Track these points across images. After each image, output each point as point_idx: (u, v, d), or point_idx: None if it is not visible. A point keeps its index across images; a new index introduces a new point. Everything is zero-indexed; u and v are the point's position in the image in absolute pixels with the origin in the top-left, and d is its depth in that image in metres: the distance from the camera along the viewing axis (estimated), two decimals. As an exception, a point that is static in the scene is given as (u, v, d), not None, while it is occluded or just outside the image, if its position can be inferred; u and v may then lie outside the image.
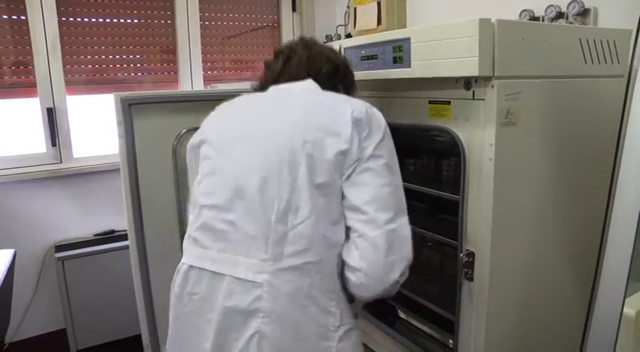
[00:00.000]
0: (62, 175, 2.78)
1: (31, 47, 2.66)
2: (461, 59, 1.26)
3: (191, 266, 1.16)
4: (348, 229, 1.10)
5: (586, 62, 1.44)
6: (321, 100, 1.20)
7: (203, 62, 3.18)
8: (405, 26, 2.87)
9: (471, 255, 1.39)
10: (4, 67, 2.64)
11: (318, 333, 1.06)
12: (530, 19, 2.08)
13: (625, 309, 0.98)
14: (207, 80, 3.20)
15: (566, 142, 1.37)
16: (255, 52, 3.45)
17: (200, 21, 3.13)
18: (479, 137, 1.32)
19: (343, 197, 1.09)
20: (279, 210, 1.06)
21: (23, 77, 2.70)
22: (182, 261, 1.19)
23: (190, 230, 1.20)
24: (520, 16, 2.11)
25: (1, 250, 1.81)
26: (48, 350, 2.84)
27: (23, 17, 2.63)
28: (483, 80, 1.27)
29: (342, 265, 1.09)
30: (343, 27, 3.34)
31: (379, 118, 1.16)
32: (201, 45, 3.16)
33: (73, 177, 2.83)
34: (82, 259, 2.72)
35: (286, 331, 1.05)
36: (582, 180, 1.49)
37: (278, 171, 1.08)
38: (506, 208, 1.35)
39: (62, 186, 2.81)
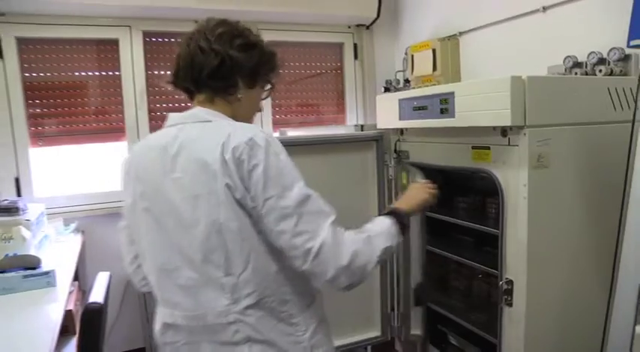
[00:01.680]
0: (144, 210, 3.09)
1: (122, 98, 3.04)
2: (496, 111, 1.46)
3: None
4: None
5: (615, 109, 1.59)
6: None
7: (272, 107, 3.47)
8: (458, 72, 3.08)
9: (510, 283, 1.56)
10: (100, 115, 3.03)
11: (292, 341, 1.23)
12: (573, 64, 2.22)
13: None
14: (275, 124, 3.47)
15: (596, 182, 1.51)
16: (319, 97, 3.70)
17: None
18: (514, 178, 1.50)
19: None
20: None
21: (115, 124, 3.07)
22: None
23: None
24: (564, 61, 2.25)
25: (101, 272, 2.09)
26: None
27: (117, 73, 3.02)
28: (517, 128, 1.46)
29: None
30: (402, 72, 3.53)
31: None
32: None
33: None
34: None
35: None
36: (613, 217, 1.62)
37: None
38: (540, 241, 1.51)
39: (144, 219, 3.11)
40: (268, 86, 1.38)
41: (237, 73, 1.27)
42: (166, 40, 3.16)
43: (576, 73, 2.18)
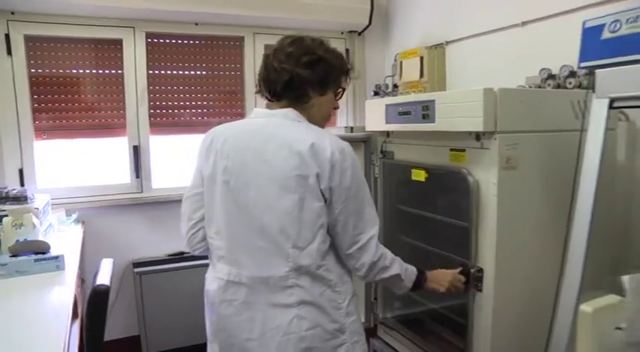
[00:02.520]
0: (142, 203, 3.25)
1: (124, 95, 3.19)
2: (471, 118, 1.64)
3: None
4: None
5: (577, 118, 1.78)
6: None
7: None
8: (444, 79, 3.26)
9: (480, 271, 1.74)
10: (102, 112, 3.17)
11: (334, 307, 1.47)
12: (548, 76, 2.41)
13: (583, 307, 1.30)
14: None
15: (559, 182, 1.68)
16: (310, 98, 3.84)
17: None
18: (486, 177, 1.69)
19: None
20: None
21: (116, 120, 3.22)
22: None
23: None
24: (540, 73, 2.44)
25: (104, 259, 2.23)
26: None
27: (120, 71, 3.17)
28: (488, 134, 1.65)
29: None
30: (391, 78, 3.68)
31: None
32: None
33: (151, 204, 3.28)
34: (157, 275, 3.14)
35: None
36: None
37: None
38: (508, 234, 1.70)
39: (142, 212, 3.26)
40: (340, 89, 1.59)
41: (307, 85, 1.48)
42: (167, 41, 3.30)
43: (549, 85, 2.37)
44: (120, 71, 3.17)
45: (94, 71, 3.14)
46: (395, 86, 3.57)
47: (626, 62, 1.17)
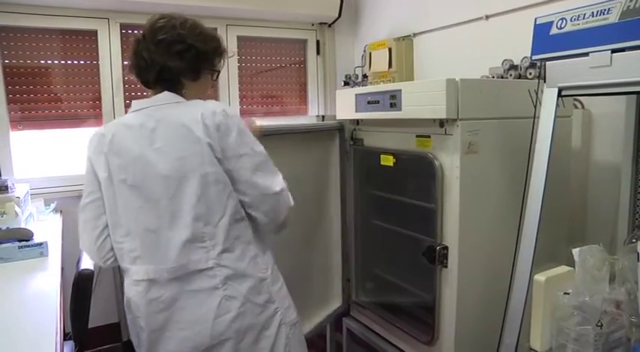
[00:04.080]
0: (119, 192, 3.27)
1: (100, 86, 3.23)
2: (435, 106, 1.76)
3: None
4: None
5: (535, 106, 1.91)
6: None
7: (239, 98, 3.70)
8: (412, 69, 3.38)
9: (445, 248, 1.87)
10: (78, 102, 3.21)
11: (259, 278, 1.48)
12: (510, 67, 2.55)
13: (537, 277, 1.44)
14: (241, 114, 3.69)
15: (517, 166, 1.80)
16: (283, 89, 3.94)
17: (237, 62, 3.66)
18: (449, 161, 1.82)
19: None
20: None
21: (92, 110, 3.26)
22: None
23: None
24: (502, 64, 2.58)
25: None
26: (103, 340, 3.26)
27: (95, 62, 3.21)
28: (451, 121, 1.77)
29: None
30: (361, 68, 3.77)
31: None
32: (238, 83, 3.69)
33: None
34: (136, 262, 3.19)
35: None
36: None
37: None
38: (470, 214, 1.83)
39: (119, 201, 3.29)
40: (215, 72, 1.58)
41: (178, 75, 1.48)
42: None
43: (511, 75, 2.51)
44: (95, 62, 3.21)
45: (69, 62, 3.17)
46: (364, 76, 3.67)
47: (571, 55, 1.31)
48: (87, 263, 2.06)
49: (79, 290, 1.99)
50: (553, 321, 1.41)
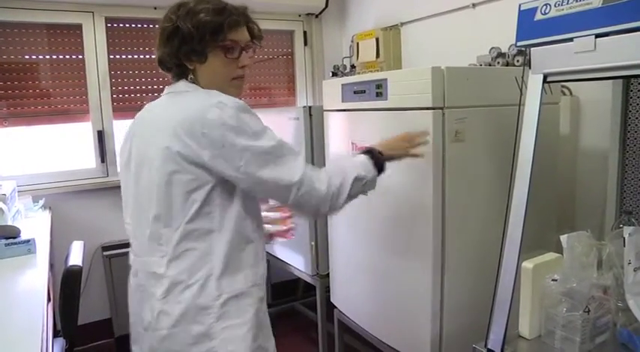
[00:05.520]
0: (108, 187, 3.27)
1: (86, 80, 3.20)
2: (421, 95, 1.75)
3: None
4: None
5: (522, 94, 1.91)
6: None
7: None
8: (399, 58, 3.38)
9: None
10: (64, 97, 3.18)
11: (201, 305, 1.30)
12: (497, 55, 2.55)
13: (525, 264, 1.44)
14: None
15: (504, 152, 1.80)
16: (272, 81, 3.94)
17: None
18: (436, 150, 1.81)
19: None
20: None
21: (79, 105, 3.23)
22: None
23: None
24: (490, 51, 2.57)
25: (75, 241, 2.29)
26: (95, 336, 3.27)
27: (80, 56, 3.18)
28: (438, 109, 1.76)
29: None
30: (348, 58, 3.79)
31: None
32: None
33: (117, 188, 3.21)
34: (126, 257, 3.16)
35: None
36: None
37: None
38: (457, 199, 1.83)
39: (108, 196, 3.27)
40: (227, 47, 1.37)
41: (174, 61, 1.37)
42: (127, 25, 3.32)
43: (499, 62, 2.51)
44: (80, 56, 3.18)
45: (54, 57, 3.14)
46: (352, 67, 3.67)
47: (555, 41, 1.30)
48: (75, 259, 2.07)
49: (68, 286, 2.00)
50: (542, 308, 1.41)
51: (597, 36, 1.19)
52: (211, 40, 1.33)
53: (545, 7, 1.31)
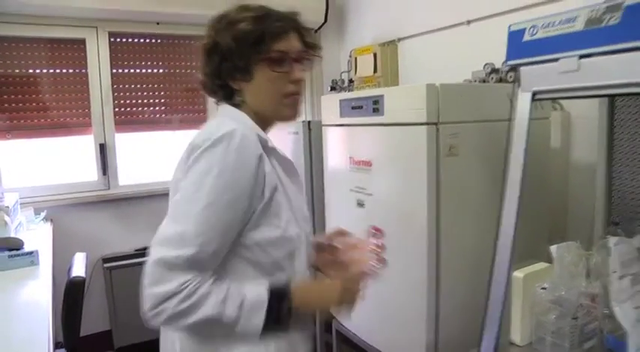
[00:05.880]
0: (109, 199, 3.32)
1: (89, 94, 3.26)
2: (416, 110, 1.81)
3: None
4: None
5: (512, 110, 1.97)
6: None
7: (227, 104, 3.73)
8: (396, 73, 3.44)
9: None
10: (67, 110, 3.24)
11: None
12: (491, 71, 2.61)
13: (516, 273, 1.49)
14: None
15: (496, 166, 1.85)
16: (270, 95, 3.97)
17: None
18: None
19: None
20: None
21: (81, 118, 3.29)
22: None
23: None
24: (484, 67, 2.64)
25: (77, 253, 2.32)
26: (95, 348, 3.26)
27: (84, 70, 3.24)
28: (432, 124, 1.82)
29: None
30: (347, 73, 3.82)
31: None
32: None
33: (118, 201, 3.36)
34: (127, 269, 3.23)
35: None
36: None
37: None
38: (451, 211, 1.88)
39: (109, 208, 3.33)
40: (273, 60, 1.15)
41: (227, 81, 1.19)
42: (130, 40, 3.39)
43: (493, 78, 2.57)
44: (84, 70, 3.24)
45: (57, 71, 3.20)
46: (351, 81, 3.72)
47: (543, 61, 1.36)
48: (78, 270, 2.10)
49: (70, 297, 2.02)
50: (532, 316, 1.46)
51: (581, 56, 1.25)
52: (254, 52, 1.13)
53: (532, 28, 1.38)
